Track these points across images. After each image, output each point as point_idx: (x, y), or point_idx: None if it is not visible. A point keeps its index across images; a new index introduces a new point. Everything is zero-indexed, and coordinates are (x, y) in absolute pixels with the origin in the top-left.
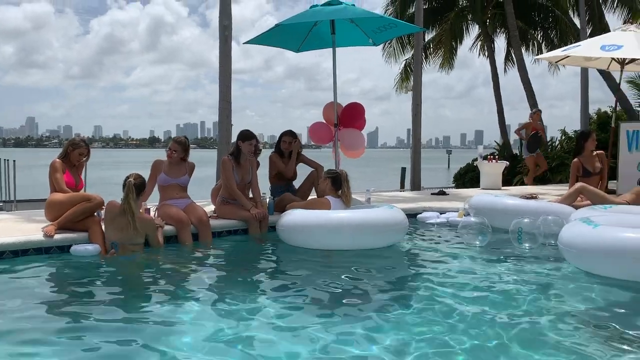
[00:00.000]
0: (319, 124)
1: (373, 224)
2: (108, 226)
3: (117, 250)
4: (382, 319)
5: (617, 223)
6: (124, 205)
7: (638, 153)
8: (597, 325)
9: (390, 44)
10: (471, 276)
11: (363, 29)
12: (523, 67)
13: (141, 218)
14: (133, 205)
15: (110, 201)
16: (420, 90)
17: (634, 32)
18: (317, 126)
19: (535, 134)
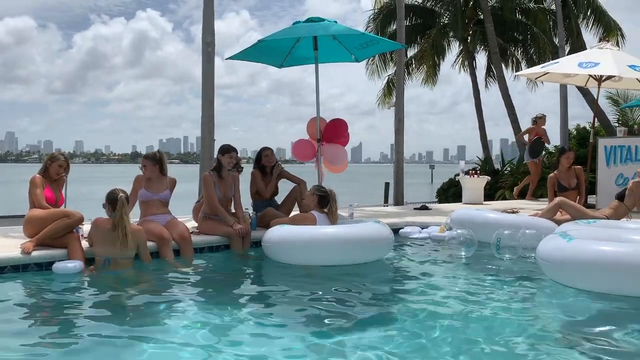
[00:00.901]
0: (302, 140)
1: (360, 239)
2: (98, 242)
3: (110, 265)
4: (367, 335)
5: (592, 237)
6: (116, 220)
7: (616, 168)
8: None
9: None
10: (453, 291)
11: (345, 45)
12: (503, 84)
13: (133, 229)
14: (126, 220)
15: (97, 219)
16: (403, 106)
17: (610, 49)
18: (300, 143)
19: (538, 139)
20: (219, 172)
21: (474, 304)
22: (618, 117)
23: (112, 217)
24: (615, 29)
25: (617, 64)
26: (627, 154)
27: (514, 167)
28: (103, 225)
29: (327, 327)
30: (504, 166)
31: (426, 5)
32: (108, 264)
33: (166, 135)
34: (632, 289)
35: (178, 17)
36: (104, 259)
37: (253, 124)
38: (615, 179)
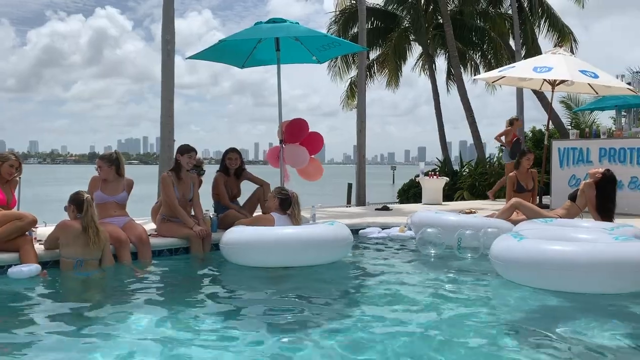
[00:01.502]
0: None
1: (318, 240)
2: (69, 244)
3: (82, 266)
4: (327, 335)
5: (543, 236)
6: (87, 221)
7: (569, 169)
8: (522, 334)
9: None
10: (411, 290)
11: (307, 46)
12: (462, 87)
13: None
14: (96, 220)
15: (65, 221)
16: (365, 108)
17: (563, 55)
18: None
19: (517, 140)
20: (177, 172)
21: (430, 303)
22: (571, 120)
23: (80, 218)
24: (568, 35)
25: (569, 69)
26: (579, 155)
27: (472, 168)
28: (72, 226)
29: (286, 328)
30: (463, 167)
31: (388, 8)
32: (80, 265)
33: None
34: (576, 286)
35: (138, 15)
36: (76, 261)
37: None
38: (568, 180)
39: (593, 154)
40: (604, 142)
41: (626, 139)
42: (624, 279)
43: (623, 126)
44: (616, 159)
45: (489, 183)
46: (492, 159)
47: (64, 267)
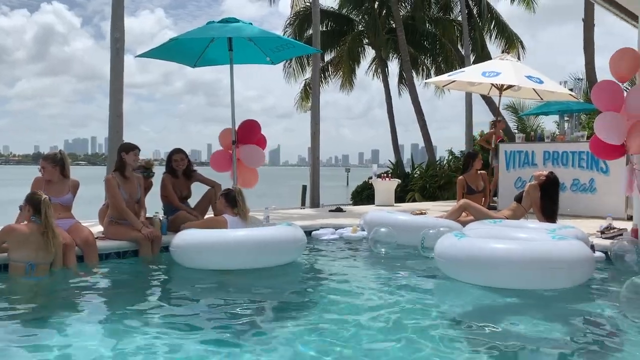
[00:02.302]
0: (220, 151)
1: (271, 242)
2: (19, 248)
3: (34, 271)
4: (279, 336)
5: (484, 235)
6: (45, 223)
7: (515, 172)
8: (465, 331)
9: (290, 64)
10: (364, 289)
11: (261, 47)
12: (414, 91)
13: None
14: (53, 222)
15: (10, 225)
16: (319, 110)
17: (510, 61)
18: (217, 154)
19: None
20: (122, 172)
21: (381, 302)
22: (517, 125)
23: (35, 220)
24: (516, 42)
25: (516, 75)
26: (524, 158)
27: (423, 170)
28: (18, 230)
29: (237, 331)
30: (414, 169)
31: (342, 12)
32: (32, 269)
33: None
34: (512, 282)
35: (87, 12)
36: (27, 265)
37: (166, 125)
38: (514, 182)
39: (538, 157)
40: (548, 145)
41: (568, 142)
42: (556, 276)
43: (566, 130)
44: (559, 162)
45: (439, 185)
46: (442, 162)
47: (13, 272)
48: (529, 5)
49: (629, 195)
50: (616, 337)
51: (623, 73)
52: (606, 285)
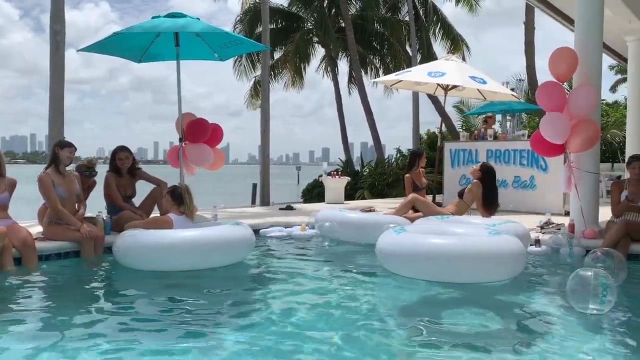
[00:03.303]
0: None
1: (218, 242)
2: None
3: None
4: (228, 336)
5: (422, 230)
6: None
7: (459, 169)
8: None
9: (240, 61)
10: (312, 287)
11: (208, 43)
12: (363, 90)
13: None
14: None
15: None
16: (268, 108)
17: (455, 61)
18: (172, 149)
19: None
20: (57, 167)
21: (329, 299)
22: (462, 124)
23: None
24: (460, 43)
25: (460, 75)
26: (468, 156)
27: (372, 168)
28: None
29: (183, 332)
30: (364, 168)
31: (292, 9)
32: None
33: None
34: (448, 275)
35: (26, 4)
36: None
37: (111, 122)
38: (459, 179)
39: (481, 155)
40: (491, 144)
41: (510, 141)
42: (489, 269)
43: (508, 130)
44: (501, 160)
45: (388, 183)
46: (390, 160)
47: None
48: (472, 7)
49: (566, 192)
50: (554, 326)
51: (562, 73)
52: (544, 277)
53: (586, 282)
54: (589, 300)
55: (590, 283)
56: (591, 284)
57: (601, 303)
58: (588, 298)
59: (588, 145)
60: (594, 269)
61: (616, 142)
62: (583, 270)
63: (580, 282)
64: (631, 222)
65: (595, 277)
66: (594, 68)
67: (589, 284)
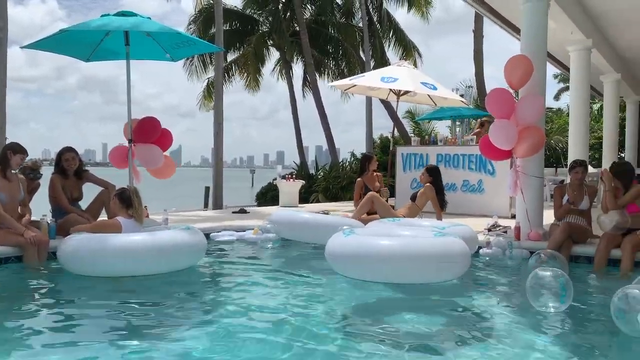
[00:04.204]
0: (119, 147)
1: (168, 246)
2: None
3: None
4: (179, 342)
5: (369, 233)
6: None
7: (411, 173)
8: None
9: (192, 62)
10: (263, 290)
11: (160, 43)
12: (318, 94)
13: None
14: None
15: None
16: (222, 110)
17: (407, 67)
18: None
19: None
20: (4, 172)
21: (280, 302)
22: (413, 129)
23: None
24: (412, 50)
25: (412, 81)
26: (419, 160)
27: (326, 172)
28: None
29: (132, 339)
30: (318, 171)
31: (246, 12)
32: None
33: None
34: (392, 276)
35: None
36: None
37: (58, 122)
38: (410, 183)
39: (431, 159)
40: (441, 148)
41: (459, 146)
42: (433, 270)
43: (457, 135)
44: (451, 164)
45: (342, 186)
46: (344, 164)
47: None
48: (424, 15)
49: (512, 195)
50: (497, 325)
51: (516, 81)
52: (491, 277)
53: (545, 281)
54: (548, 298)
55: (550, 282)
56: (551, 283)
57: (561, 302)
58: (548, 296)
59: (534, 151)
60: (553, 268)
61: (559, 148)
62: (542, 269)
63: (539, 282)
64: (573, 225)
65: (554, 276)
66: (539, 76)
67: (548, 282)
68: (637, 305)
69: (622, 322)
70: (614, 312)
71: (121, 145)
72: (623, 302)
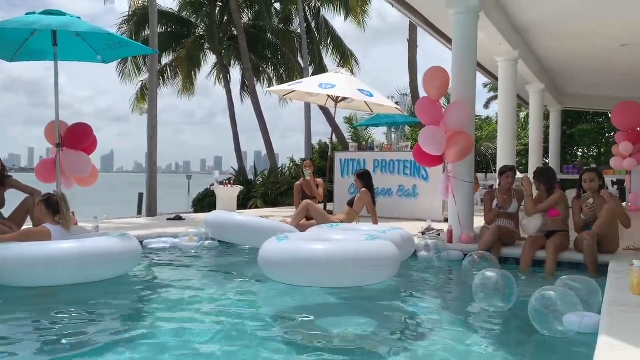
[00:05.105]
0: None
1: (100, 254)
2: None
3: None
4: (106, 354)
5: (303, 238)
6: None
7: (349, 178)
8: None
9: (125, 64)
10: (197, 298)
11: (91, 44)
12: (256, 98)
13: None
14: None
15: None
16: (156, 114)
17: (345, 74)
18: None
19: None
20: None
21: (212, 309)
22: (351, 135)
23: None
24: (350, 57)
25: (349, 87)
26: (357, 166)
27: (265, 177)
28: None
29: (59, 349)
30: (257, 176)
31: (182, 14)
32: None
33: None
34: (324, 281)
35: None
36: None
37: None
38: (348, 188)
39: (369, 165)
40: (377, 154)
41: (395, 152)
42: (363, 273)
43: (392, 141)
44: (387, 170)
45: (281, 192)
46: (283, 169)
47: None
48: (360, 23)
49: (445, 199)
50: (430, 325)
51: (434, 92)
52: (427, 279)
53: (492, 281)
54: (495, 298)
55: (497, 282)
56: (498, 283)
57: (508, 301)
58: (495, 296)
59: (463, 156)
60: (499, 270)
61: (489, 154)
62: (489, 270)
63: (486, 282)
64: (502, 228)
65: (502, 276)
66: (469, 85)
67: (496, 283)
68: (551, 307)
69: (538, 323)
70: (530, 312)
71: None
72: (539, 303)
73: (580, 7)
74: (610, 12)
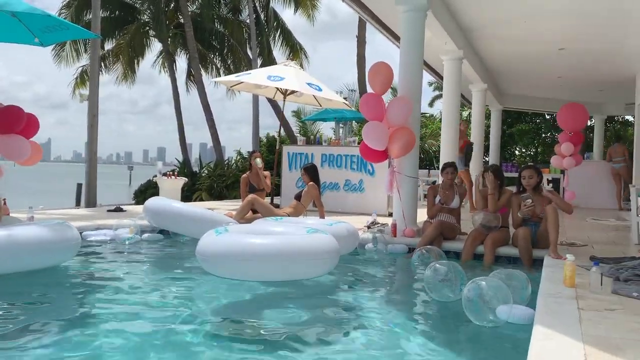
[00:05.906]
0: None
1: (34, 242)
2: None
3: None
4: (38, 347)
5: (242, 231)
6: None
7: (297, 172)
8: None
9: (63, 48)
10: (136, 291)
11: (27, 25)
12: (202, 89)
13: None
14: None
15: None
16: (97, 101)
17: (294, 68)
18: None
19: (470, 145)
20: None
21: (152, 303)
22: (299, 128)
23: None
24: (299, 51)
25: (298, 81)
26: (305, 160)
27: (211, 170)
28: None
29: None
30: (202, 169)
31: None
32: None
33: None
34: (262, 275)
35: None
36: None
37: None
38: (296, 181)
39: (316, 159)
40: (325, 149)
41: (342, 147)
42: (302, 266)
43: (340, 136)
44: (334, 164)
45: (227, 184)
46: (230, 162)
47: None
48: (310, 17)
49: (389, 194)
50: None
51: (378, 87)
52: (365, 271)
53: (444, 273)
54: (448, 289)
55: (448, 274)
56: (450, 275)
57: (459, 291)
58: (448, 287)
59: (406, 150)
60: (449, 261)
61: (432, 151)
62: (440, 263)
63: (438, 274)
64: (444, 222)
65: (453, 268)
66: (415, 83)
67: (447, 275)
68: (483, 297)
69: (470, 312)
70: (463, 302)
71: None
72: (472, 292)
73: (521, 12)
74: (550, 18)
